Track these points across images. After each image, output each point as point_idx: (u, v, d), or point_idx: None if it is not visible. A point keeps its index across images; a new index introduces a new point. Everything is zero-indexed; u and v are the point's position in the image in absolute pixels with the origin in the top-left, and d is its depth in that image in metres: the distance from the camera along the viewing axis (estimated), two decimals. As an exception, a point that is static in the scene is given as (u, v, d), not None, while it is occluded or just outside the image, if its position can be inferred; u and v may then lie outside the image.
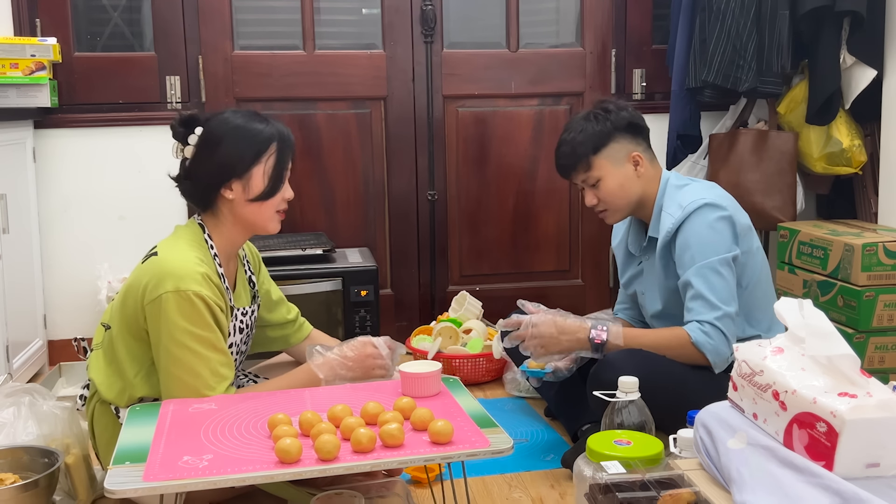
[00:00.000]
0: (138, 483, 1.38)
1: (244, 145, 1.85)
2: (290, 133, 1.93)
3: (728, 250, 2.06)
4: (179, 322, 1.74)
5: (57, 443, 1.97)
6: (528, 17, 3.41)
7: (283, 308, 2.16)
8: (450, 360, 2.85)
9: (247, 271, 2.06)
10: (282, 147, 1.88)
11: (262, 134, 1.86)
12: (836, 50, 2.93)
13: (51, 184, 3.13)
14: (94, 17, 3.18)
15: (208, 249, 1.88)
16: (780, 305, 1.32)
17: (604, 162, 2.14)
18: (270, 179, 1.87)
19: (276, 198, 1.89)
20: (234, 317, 1.91)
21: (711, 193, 2.12)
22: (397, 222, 3.40)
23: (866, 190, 3.12)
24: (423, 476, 2.08)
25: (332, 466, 1.45)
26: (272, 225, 1.92)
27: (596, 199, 2.18)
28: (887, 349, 2.63)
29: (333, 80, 3.28)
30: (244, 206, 1.87)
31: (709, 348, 2.02)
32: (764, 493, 1.18)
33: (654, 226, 2.17)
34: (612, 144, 2.14)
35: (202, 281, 1.77)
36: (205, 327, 1.77)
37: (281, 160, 1.88)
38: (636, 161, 2.15)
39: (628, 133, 2.16)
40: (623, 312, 2.45)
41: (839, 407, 1.15)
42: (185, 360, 1.75)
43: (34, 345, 2.93)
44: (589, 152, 2.14)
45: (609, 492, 1.27)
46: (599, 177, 2.14)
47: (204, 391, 1.76)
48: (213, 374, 1.77)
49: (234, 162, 1.84)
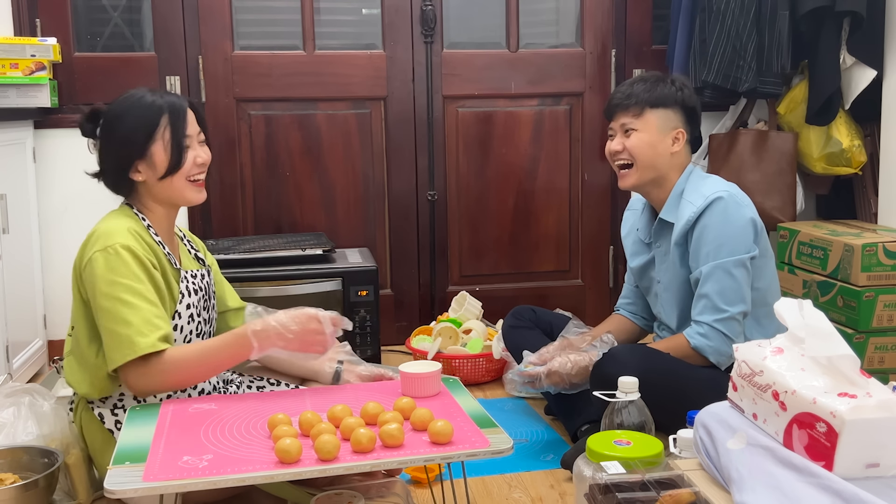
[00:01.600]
0: (138, 483, 1.38)
1: (135, 124, 1.86)
2: (183, 99, 1.92)
3: (747, 250, 2.06)
4: (107, 275, 1.75)
5: (56, 443, 1.97)
6: (527, 17, 3.41)
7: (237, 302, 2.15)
8: (449, 360, 2.85)
9: (190, 250, 2.06)
10: (174, 117, 1.87)
11: (151, 109, 1.86)
12: (835, 50, 2.93)
13: (51, 184, 3.13)
14: (94, 18, 3.18)
15: (140, 221, 1.89)
16: (780, 305, 1.32)
17: (653, 119, 2.16)
18: (172, 153, 1.86)
19: (183, 168, 1.88)
20: (184, 279, 1.91)
21: (732, 187, 2.13)
22: (397, 222, 3.40)
23: (866, 190, 3.12)
24: (422, 476, 2.08)
25: (332, 466, 1.45)
26: (191, 195, 1.91)
27: (622, 147, 2.18)
28: (887, 349, 2.63)
29: (333, 80, 3.28)
30: (156, 185, 1.88)
31: (709, 351, 2.04)
32: (763, 494, 1.18)
33: (670, 210, 2.17)
34: (669, 111, 2.17)
35: (128, 236, 1.79)
36: (133, 278, 1.76)
37: (176, 130, 1.87)
38: (677, 138, 2.17)
39: (686, 113, 2.19)
40: (626, 308, 2.45)
41: (839, 407, 1.15)
42: (115, 311, 1.73)
43: (34, 345, 2.93)
44: (647, 103, 2.16)
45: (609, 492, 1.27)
46: (640, 128, 2.16)
47: (137, 339, 1.71)
48: (145, 323, 1.73)
49: (131, 144, 1.86)
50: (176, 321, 1.88)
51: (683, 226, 2.11)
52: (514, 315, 2.52)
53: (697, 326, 2.06)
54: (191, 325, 1.91)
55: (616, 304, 2.52)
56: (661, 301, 2.29)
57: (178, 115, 1.88)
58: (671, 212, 2.17)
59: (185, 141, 1.88)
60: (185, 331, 1.90)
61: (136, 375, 1.73)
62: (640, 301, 2.43)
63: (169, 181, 1.88)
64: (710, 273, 2.05)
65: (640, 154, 2.16)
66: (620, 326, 2.43)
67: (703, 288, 2.06)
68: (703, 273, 2.06)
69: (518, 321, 2.50)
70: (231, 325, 2.11)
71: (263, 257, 2.89)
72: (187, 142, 1.89)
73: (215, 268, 2.15)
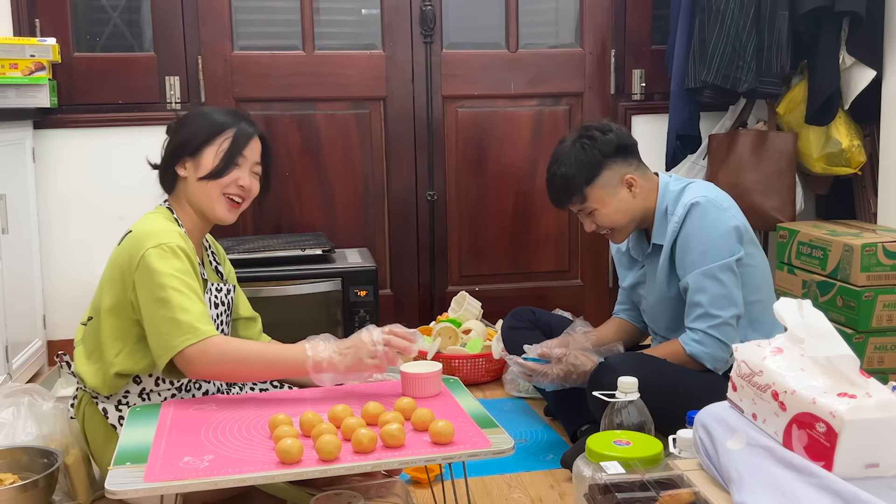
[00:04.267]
0: (139, 484, 1.38)
1: (201, 126, 1.90)
2: (255, 128, 1.95)
3: (731, 253, 2.05)
4: (164, 268, 1.76)
5: (56, 443, 1.97)
6: (527, 17, 3.41)
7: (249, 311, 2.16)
8: (449, 360, 2.85)
9: (212, 262, 2.06)
10: (238, 135, 1.90)
11: (221, 120, 1.91)
12: (835, 50, 2.93)
13: (50, 184, 3.13)
14: (94, 18, 3.18)
15: (178, 226, 1.90)
16: (780, 306, 1.32)
17: (598, 192, 2.11)
18: (221, 160, 1.88)
19: (224, 179, 1.89)
20: (209, 290, 1.92)
21: (711, 192, 2.12)
22: (397, 222, 3.40)
23: (865, 190, 3.12)
24: (422, 476, 2.08)
25: (332, 467, 1.45)
26: (220, 209, 1.91)
27: (594, 226, 2.16)
28: (886, 349, 2.63)
29: (333, 80, 3.29)
30: (194, 184, 1.90)
31: (705, 357, 2.04)
32: (763, 494, 1.19)
33: (659, 232, 2.15)
34: (605, 172, 2.10)
35: (178, 237, 1.81)
36: (188, 275, 1.78)
37: (235, 145, 1.90)
38: (630, 183, 2.12)
39: (618, 156, 2.11)
40: (625, 313, 2.45)
41: (838, 407, 1.15)
42: (174, 300, 1.73)
43: (33, 345, 2.93)
44: (582, 185, 2.10)
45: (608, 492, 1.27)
46: (595, 207, 2.12)
47: (197, 325, 1.72)
48: (202, 314, 1.75)
49: (189, 140, 1.90)
50: None
51: (669, 240, 2.11)
52: (513, 316, 2.52)
53: (692, 333, 2.06)
54: None
55: (614, 310, 2.52)
56: (648, 315, 2.31)
57: (244, 136, 1.91)
58: (661, 234, 2.15)
59: (238, 159, 1.90)
60: None
61: (195, 359, 1.72)
62: (637, 308, 2.44)
63: (205, 185, 1.89)
64: (698, 281, 2.04)
65: (613, 223, 2.14)
66: (622, 328, 2.43)
67: (693, 296, 2.06)
68: (691, 281, 2.05)
69: (517, 322, 2.50)
70: (240, 333, 2.12)
71: (263, 257, 2.89)
72: (239, 161, 1.91)
73: (232, 274, 2.15)
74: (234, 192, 1.91)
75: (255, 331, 2.14)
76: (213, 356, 1.72)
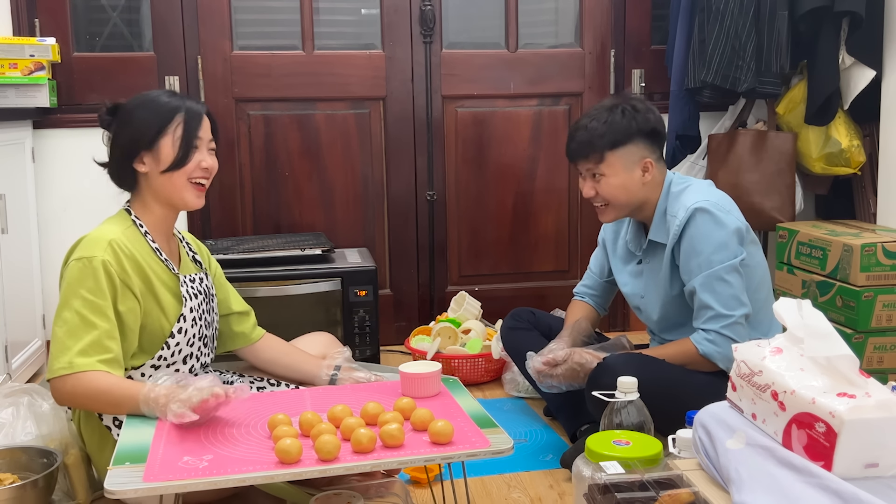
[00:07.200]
0: (138, 484, 1.38)
1: (149, 117, 1.88)
2: (202, 106, 1.94)
3: (735, 255, 2.05)
4: (73, 285, 1.77)
5: (55, 443, 1.97)
6: (527, 17, 3.41)
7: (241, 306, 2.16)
8: (449, 360, 2.85)
9: (189, 252, 2.06)
10: (189, 118, 1.89)
11: (168, 106, 1.89)
12: (834, 50, 2.93)
13: (50, 184, 3.13)
14: (93, 18, 3.18)
15: (136, 228, 1.90)
16: (779, 306, 1.32)
17: (616, 160, 2.11)
18: (179, 149, 1.87)
19: (187, 167, 1.89)
20: (184, 283, 1.93)
21: (713, 195, 2.12)
22: (396, 222, 3.40)
23: (865, 190, 3.12)
24: (422, 476, 2.08)
25: (332, 467, 1.45)
26: (188, 196, 1.91)
27: (594, 192, 2.15)
28: (886, 349, 2.63)
29: (332, 80, 3.28)
30: (158, 178, 1.89)
31: (718, 357, 2.05)
32: (763, 494, 1.19)
33: (658, 230, 2.16)
34: (630, 146, 2.11)
35: (107, 248, 1.80)
36: (97, 293, 1.76)
37: (189, 129, 1.89)
38: (646, 168, 2.13)
39: (648, 138, 2.13)
40: (591, 298, 2.44)
41: (838, 407, 1.15)
42: (70, 321, 1.75)
43: (33, 345, 2.93)
44: (605, 146, 2.10)
45: (608, 492, 1.27)
46: (606, 173, 2.12)
47: (76, 359, 1.71)
48: (93, 344, 1.73)
49: (141, 134, 1.88)
50: (181, 324, 1.89)
51: (672, 240, 2.11)
52: (513, 317, 2.52)
53: (705, 334, 2.06)
54: (194, 329, 1.92)
55: (578, 291, 2.49)
56: (644, 312, 2.31)
57: (194, 117, 1.90)
58: (660, 232, 2.15)
59: (195, 142, 1.90)
60: (188, 334, 1.90)
61: (55, 389, 1.75)
62: (604, 294, 2.45)
63: (170, 177, 1.88)
64: (706, 283, 2.04)
65: (613, 198, 2.14)
66: (589, 315, 2.42)
67: (702, 299, 2.06)
68: (698, 284, 2.05)
69: (517, 323, 2.49)
70: (234, 328, 2.12)
71: (262, 257, 2.89)
72: (197, 143, 1.90)
73: (219, 271, 2.15)
74: (199, 175, 1.91)
75: (248, 325, 2.14)
76: (68, 390, 1.73)
